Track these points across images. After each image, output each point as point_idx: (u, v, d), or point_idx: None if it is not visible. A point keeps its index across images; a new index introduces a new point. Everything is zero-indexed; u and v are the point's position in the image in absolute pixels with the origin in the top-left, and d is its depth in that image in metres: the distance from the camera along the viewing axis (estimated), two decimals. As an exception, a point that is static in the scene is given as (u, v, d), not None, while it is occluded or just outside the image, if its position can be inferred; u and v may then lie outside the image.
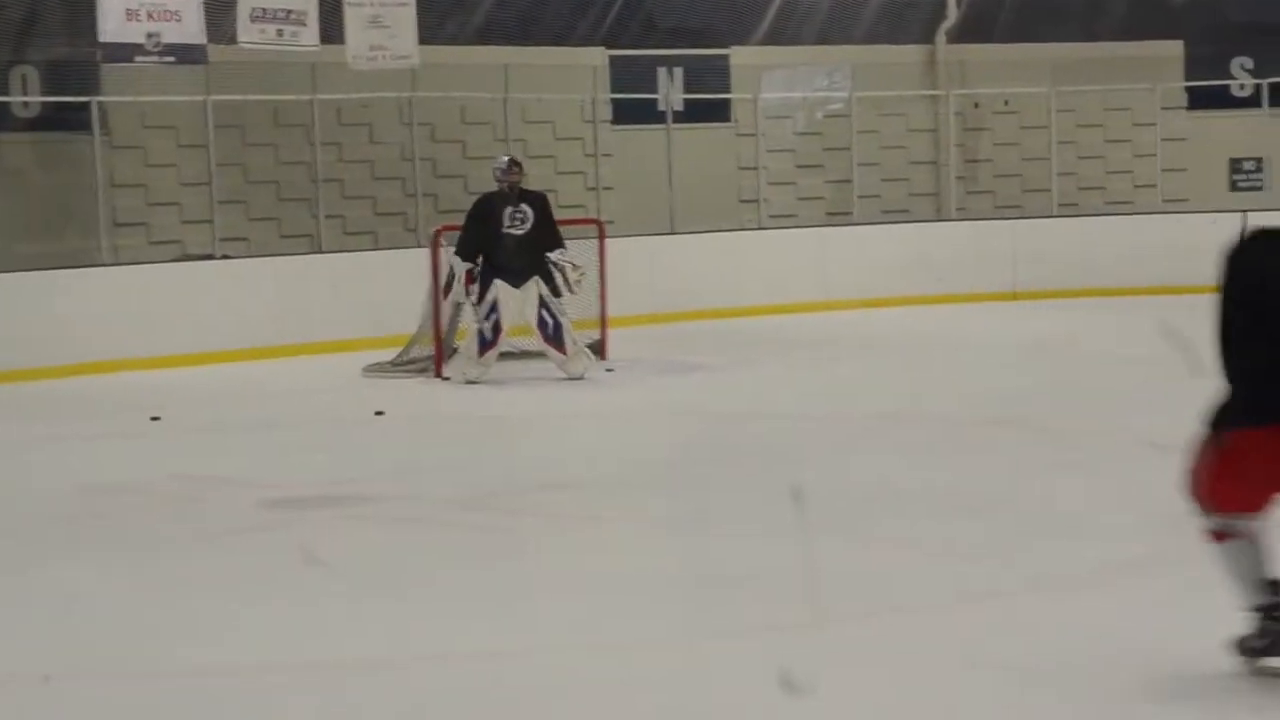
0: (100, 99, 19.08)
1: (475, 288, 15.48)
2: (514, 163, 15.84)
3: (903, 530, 9.00)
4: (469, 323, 15.70)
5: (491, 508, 10.03)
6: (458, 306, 16.30)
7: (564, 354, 15.48)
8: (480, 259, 15.53)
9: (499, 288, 15.37)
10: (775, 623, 7.26)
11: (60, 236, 19.03)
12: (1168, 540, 8.57)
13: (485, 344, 15.46)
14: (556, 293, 15.50)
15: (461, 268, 15.48)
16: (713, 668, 6.67)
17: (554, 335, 15.45)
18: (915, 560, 8.29)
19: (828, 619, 7.22)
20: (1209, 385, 6.43)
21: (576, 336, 15.79)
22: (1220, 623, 6.97)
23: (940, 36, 24.67)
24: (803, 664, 6.40)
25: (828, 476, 10.55)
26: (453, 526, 9.54)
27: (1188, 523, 8.92)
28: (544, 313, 15.42)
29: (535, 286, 15.41)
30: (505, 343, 15.72)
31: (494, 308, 15.40)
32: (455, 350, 16.29)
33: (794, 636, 7.03)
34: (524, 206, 15.53)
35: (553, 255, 15.52)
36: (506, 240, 15.43)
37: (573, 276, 15.53)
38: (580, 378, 15.44)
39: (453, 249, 16.11)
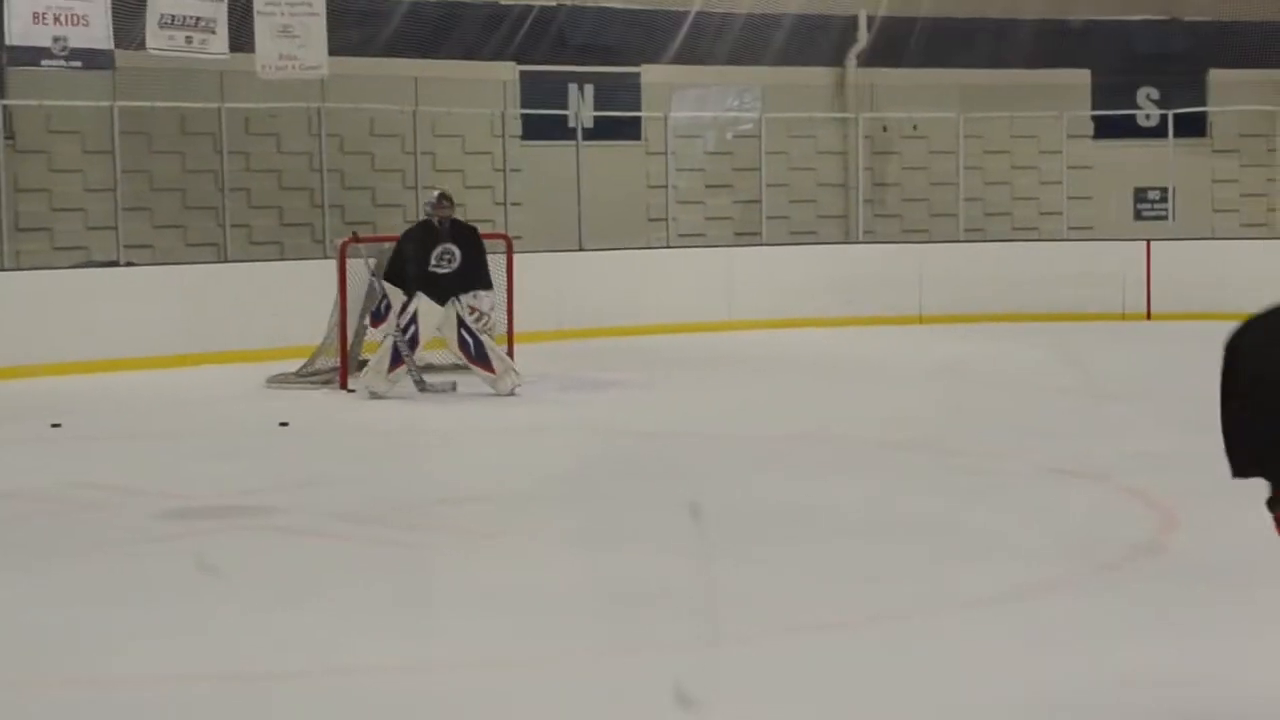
0: (5, 102, 18.93)
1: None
2: (444, 197, 15.69)
3: (806, 551, 8.99)
4: (383, 335, 15.55)
5: (393, 522, 9.96)
6: (364, 319, 16.20)
7: (492, 373, 15.38)
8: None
9: (420, 299, 15.26)
10: (676, 640, 7.23)
11: (-38, 240, 18.84)
12: (1072, 563, 8.63)
13: (398, 359, 15.35)
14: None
15: (399, 299, 15.30)
16: (615, 684, 6.63)
17: (477, 354, 15.35)
18: (818, 581, 8.28)
19: (726, 638, 7.20)
20: (1110, 411, 6.44)
21: (501, 351, 15.72)
22: (1125, 647, 7.01)
23: (851, 60, 24.79)
24: (701, 682, 6.38)
25: (733, 496, 10.54)
26: (353, 540, 9.47)
27: (1091, 547, 9.00)
28: (463, 332, 15.33)
29: (453, 307, 15.31)
30: (420, 357, 15.62)
31: (413, 319, 15.29)
32: (362, 362, 16.19)
33: (694, 654, 7.00)
34: (452, 247, 15.38)
35: (466, 297, 15.34)
36: (432, 278, 15.31)
37: (474, 326, 15.35)
38: (511, 394, 15.36)
39: (372, 260, 16.02)
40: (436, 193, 15.90)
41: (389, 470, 12.06)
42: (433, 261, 15.33)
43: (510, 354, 16.32)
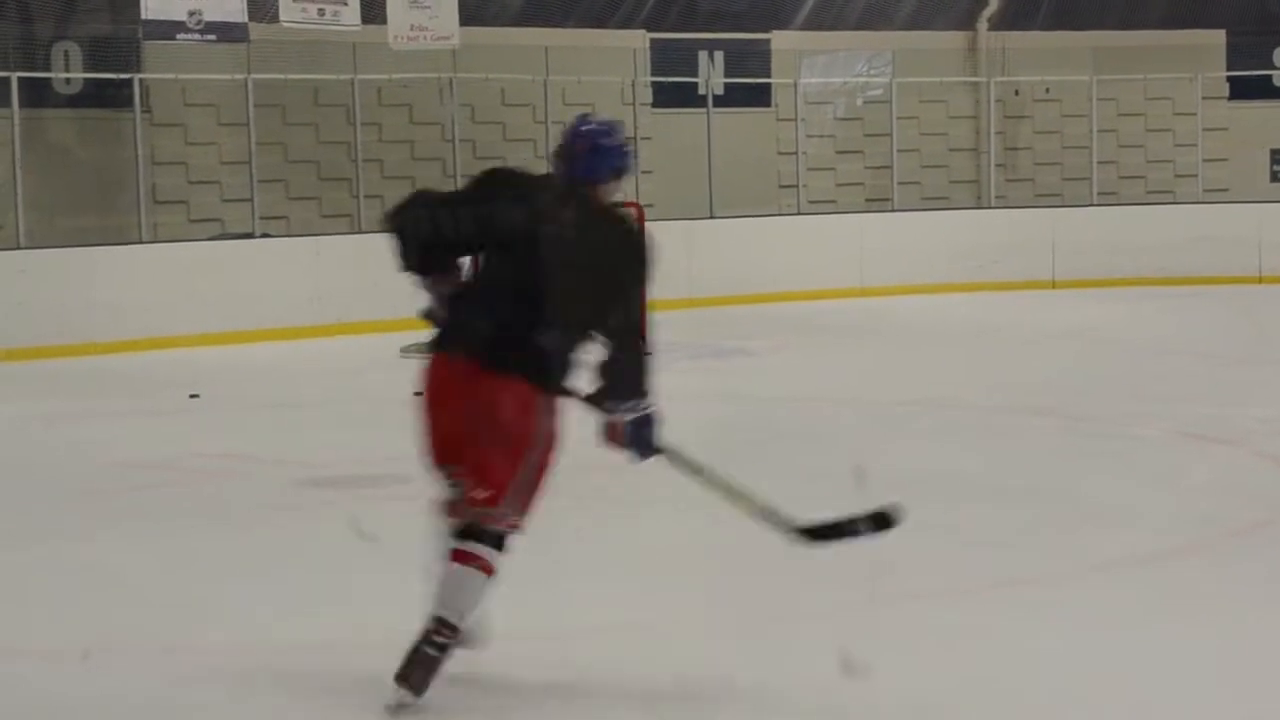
0: (142, 76, 19.16)
1: None
2: None
3: (938, 517, 8.97)
4: None
5: (527, 489, 10.01)
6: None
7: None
8: None
9: None
10: (812, 608, 7.25)
11: (101, 213, 19.12)
12: (1204, 530, 8.57)
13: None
14: None
15: None
16: (759, 650, 6.66)
17: None
18: (949, 547, 8.26)
19: (860, 605, 7.21)
20: (1244, 375, 6.39)
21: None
22: (1253, 614, 6.96)
23: (981, 23, 24.64)
24: (849, 646, 6.40)
25: (865, 462, 10.52)
26: (489, 507, 9.53)
27: (1224, 513, 8.93)
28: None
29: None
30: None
31: None
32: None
33: (830, 621, 7.01)
34: None
35: None
36: None
37: None
38: None
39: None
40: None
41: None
42: None
43: (642, 322, 16.32)
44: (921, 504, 9.25)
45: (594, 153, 6.27)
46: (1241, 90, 24.77)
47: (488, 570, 6.17)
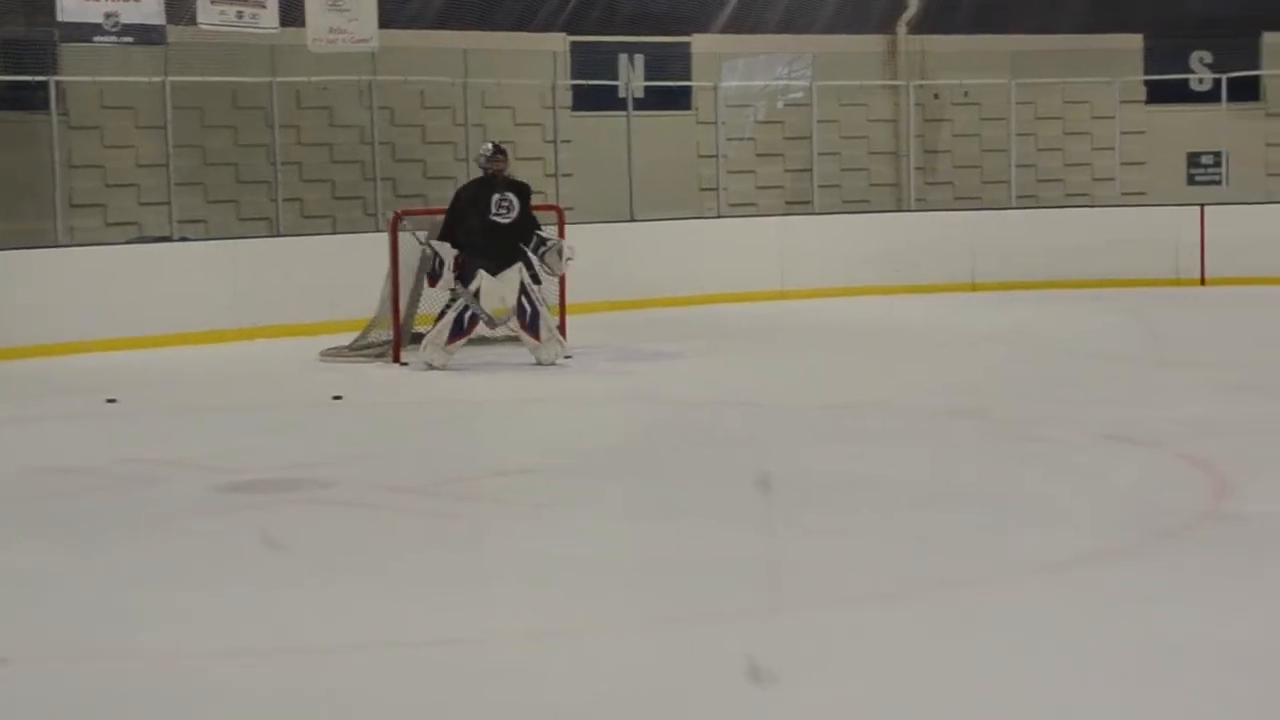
0: (58, 78, 18.98)
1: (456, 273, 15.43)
2: (499, 150, 15.78)
3: (862, 521, 8.97)
4: (444, 309, 15.62)
5: (447, 494, 9.98)
6: (416, 291, 16.28)
7: (537, 340, 15.47)
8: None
9: (483, 278, 15.34)
10: (734, 612, 7.22)
11: (16, 216, 18.92)
12: (1129, 531, 8.59)
13: (458, 333, 15.42)
14: (537, 279, 15.49)
15: (449, 253, 15.39)
16: (672, 656, 6.62)
17: (530, 323, 15.44)
18: (874, 551, 8.25)
19: (784, 609, 7.19)
20: (1164, 377, 6.39)
21: (552, 323, 15.76)
22: (1181, 614, 6.97)
23: (901, 27, 24.71)
24: (761, 654, 6.36)
25: (786, 466, 10.52)
26: (408, 512, 9.49)
27: (1148, 514, 8.96)
28: (524, 299, 15.40)
29: (518, 274, 15.39)
30: (478, 332, 15.71)
31: (476, 296, 15.36)
32: (415, 335, 16.25)
33: (752, 625, 6.98)
34: (509, 195, 15.50)
35: (545, 233, 15.57)
36: (492, 227, 15.38)
37: (568, 254, 15.58)
38: (552, 364, 15.43)
39: (423, 233, 16.05)
40: (490, 145, 15.93)
41: (442, 443, 12.10)
42: (493, 209, 15.40)
43: (562, 325, 16.31)
44: (846, 508, 9.29)
45: None
46: (1159, 94, 24.91)
47: None
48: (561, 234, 16.73)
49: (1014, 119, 24.05)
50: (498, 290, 15.41)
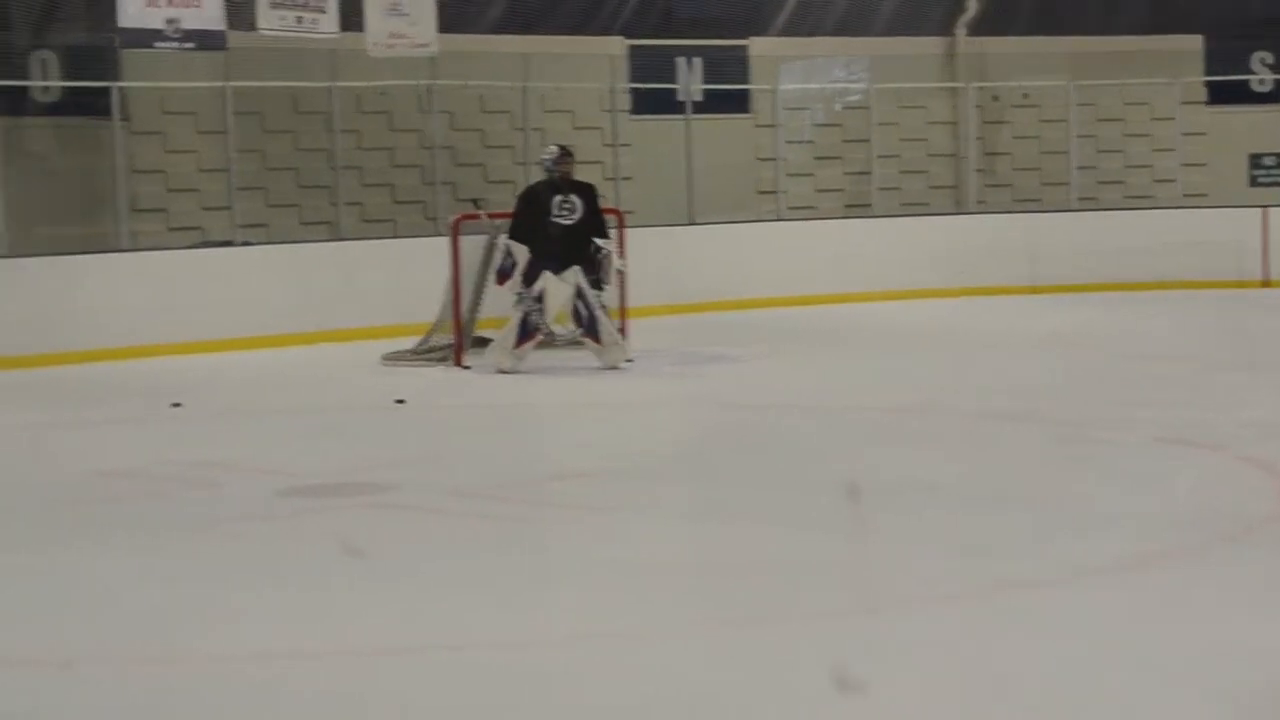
0: (120, 84, 19.09)
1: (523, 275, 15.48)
2: (565, 152, 15.83)
3: (921, 523, 8.97)
4: (511, 312, 15.67)
5: (508, 497, 10.01)
6: (478, 295, 16.34)
7: (600, 344, 15.48)
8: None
9: (547, 279, 15.36)
10: (794, 614, 7.23)
11: (80, 221, 19.04)
12: (1187, 535, 8.56)
13: (525, 335, 15.44)
14: (596, 285, 15.50)
15: (522, 252, 15.43)
16: (727, 659, 6.64)
17: (589, 327, 15.45)
18: (934, 554, 8.25)
19: (845, 611, 7.20)
20: (1225, 380, 6.38)
21: (613, 326, 15.76)
22: (1239, 619, 6.95)
23: (960, 28, 24.65)
24: (833, 656, 6.38)
25: (845, 469, 10.52)
26: (468, 516, 9.52)
27: (1207, 518, 8.93)
28: (579, 304, 15.41)
29: (574, 276, 15.40)
30: (543, 333, 15.77)
31: (540, 299, 15.39)
32: (477, 339, 16.30)
33: (813, 627, 6.99)
34: (573, 197, 15.54)
35: (601, 242, 15.55)
36: (553, 229, 15.42)
37: (617, 264, 15.58)
38: (615, 368, 15.44)
39: (486, 236, 16.11)
40: (556, 148, 15.98)
41: (503, 446, 12.14)
42: (554, 211, 15.45)
43: (623, 329, 16.34)
44: (905, 511, 9.28)
45: None
46: (1220, 95, 24.79)
47: None
48: (621, 238, 16.75)
49: (1074, 121, 23.99)
50: (560, 297, 15.44)
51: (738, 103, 23.71)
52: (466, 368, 15.89)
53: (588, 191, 15.76)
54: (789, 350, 17.11)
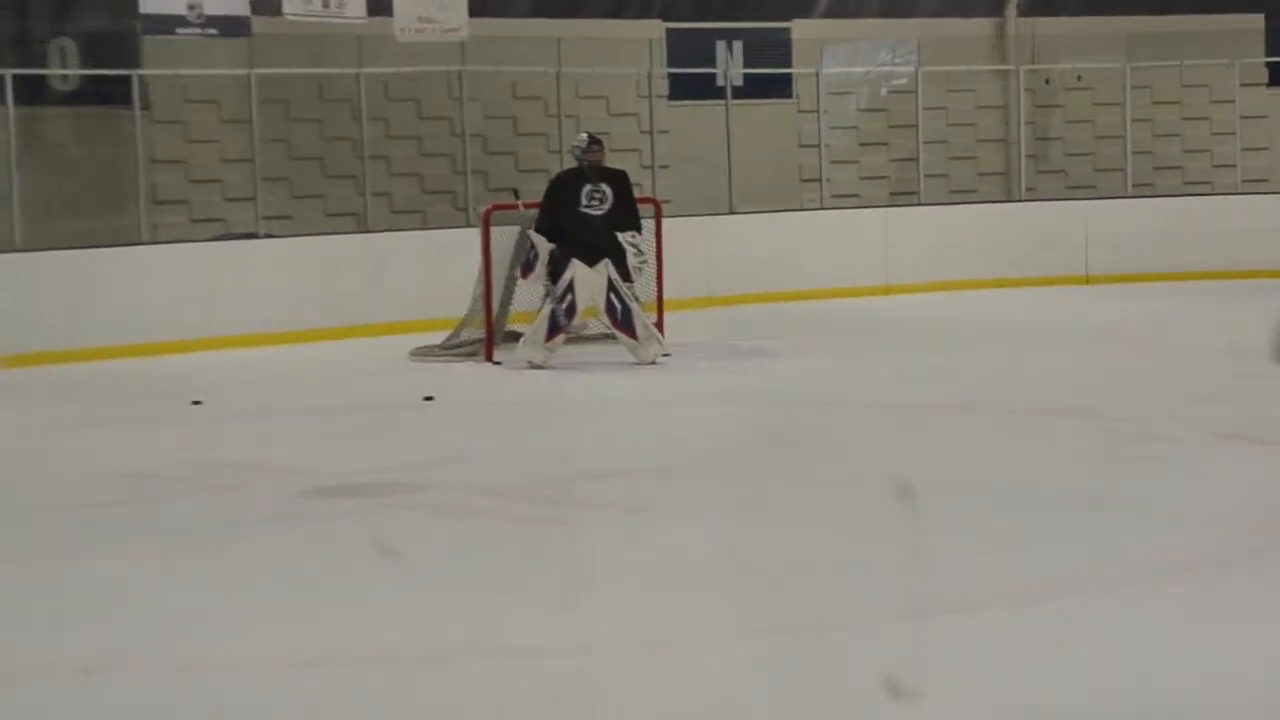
0: (141, 72, 19.14)
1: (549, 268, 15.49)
2: (594, 140, 15.81)
3: (970, 524, 8.96)
4: (542, 305, 15.69)
5: (543, 497, 10.03)
6: (509, 288, 16.36)
7: (635, 339, 15.47)
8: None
9: (576, 268, 15.35)
10: (841, 618, 7.23)
11: (99, 214, 19.10)
12: (1250, 538, 8.53)
13: (556, 328, 15.43)
14: (627, 276, 15.50)
15: (545, 247, 15.45)
16: (769, 664, 6.65)
17: (623, 320, 15.43)
18: (985, 555, 8.24)
19: (894, 615, 7.20)
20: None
21: (648, 320, 15.74)
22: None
23: (1010, 9, 24.59)
24: (877, 662, 6.38)
25: (890, 467, 10.51)
26: (501, 517, 9.54)
27: (1271, 518, 8.90)
28: (613, 296, 15.40)
29: (605, 269, 15.40)
30: (575, 326, 15.80)
31: (570, 288, 15.37)
32: (508, 333, 16.33)
33: (862, 632, 7.00)
34: (603, 186, 15.53)
35: (624, 235, 15.50)
36: (583, 219, 15.42)
37: (633, 262, 15.51)
38: (653, 363, 15.43)
39: (518, 228, 16.13)
40: (585, 135, 15.97)
41: (537, 444, 12.15)
42: (583, 201, 15.44)
43: (660, 322, 16.34)
44: (953, 512, 9.27)
45: None
46: (1282, 76, 24.73)
47: None
48: (659, 228, 16.75)
49: (1129, 104, 23.90)
50: (591, 284, 15.43)
51: (780, 87, 23.69)
52: (498, 363, 15.91)
53: (619, 179, 15.75)
54: (831, 344, 17.10)
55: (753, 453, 11.48)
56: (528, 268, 15.70)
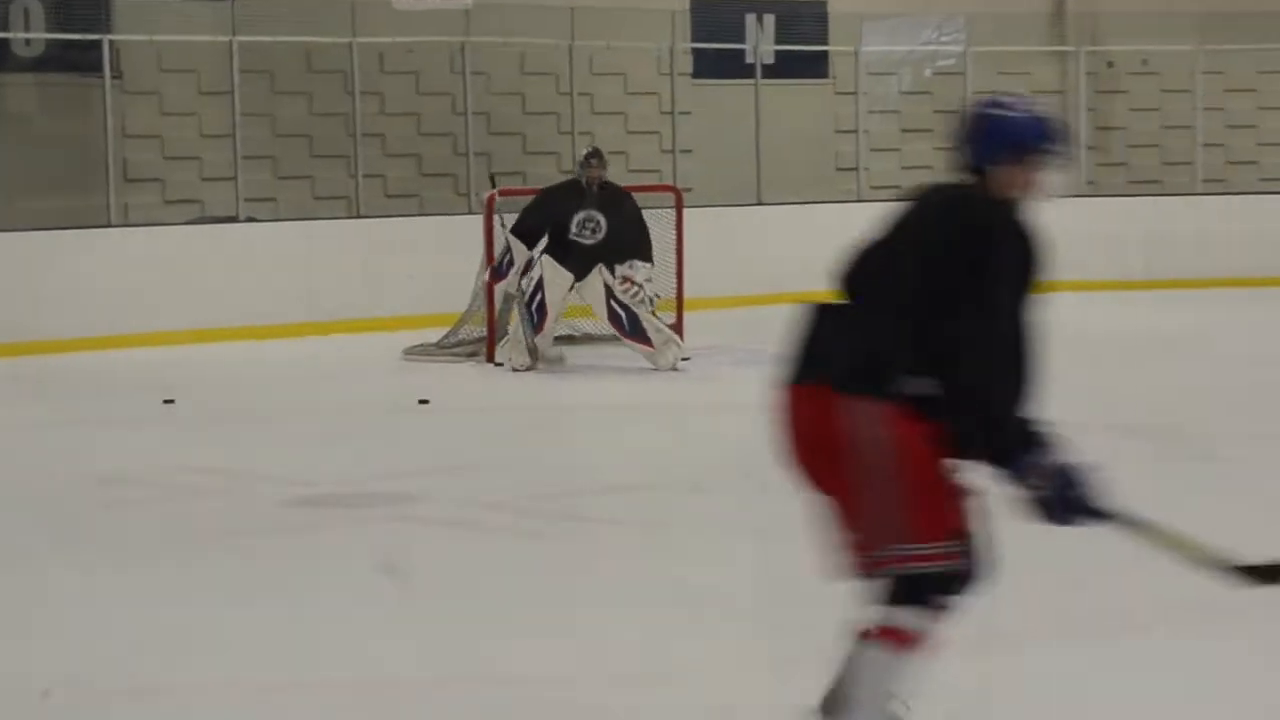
0: (112, 37, 19.18)
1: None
2: (592, 155, 15.81)
3: (1027, 552, 8.96)
4: (501, 293, 15.78)
5: (549, 512, 10.06)
6: (514, 282, 16.39)
7: (650, 346, 15.44)
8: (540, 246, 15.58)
9: (545, 265, 15.37)
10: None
11: (64, 192, 19.14)
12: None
13: (533, 327, 15.46)
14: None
15: (522, 255, 15.49)
16: (794, 698, 6.67)
17: (631, 329, 15.43)
18: (1044, 586, 8.23)
19: (950, 646, 7.21)
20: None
21: (660, 323, 15.71)
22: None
23: (1070, -17, 24.65)
24: (912, 698, 6.40)
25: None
26: (503, 532, 9.58)
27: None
28: (613, 304, 15.42)
29: (599, 276, 15.40)
30: (564, 326, 15.81)
31: (539, 287, 15.41)
32: (508, 333, 16.36)
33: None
34: (597, 216, 15.50)
35: (621, 268, 15.46)
36: (572, 247, 15.44)
37: (622, 297, 15.42)
38: (674, 369, 15.43)
39: (501, 216, 16.15)
40: (586, 150, 16.03)
41: (543, 454, 12.18)
42: (573, 229, 15.46)
43: (679, 323, 16.37)
44: (1003, 536, 9.27)
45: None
46: (1369, 63, 24.75)
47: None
48: (679, 219, 16.78)
49: (1200, 91, 23.93)
50: (560, 288, 15.37)
51: (814, 66, 23.73)
52: (499, 364, 15.94)
53: (618, 205, 15.68)
54: (869, 350, 17.08)
55: (778, 467, 11.48)
56: (498, 274, 15.74)
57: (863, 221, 20.48)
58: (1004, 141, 5.86)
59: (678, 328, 16.29)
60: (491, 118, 21.82)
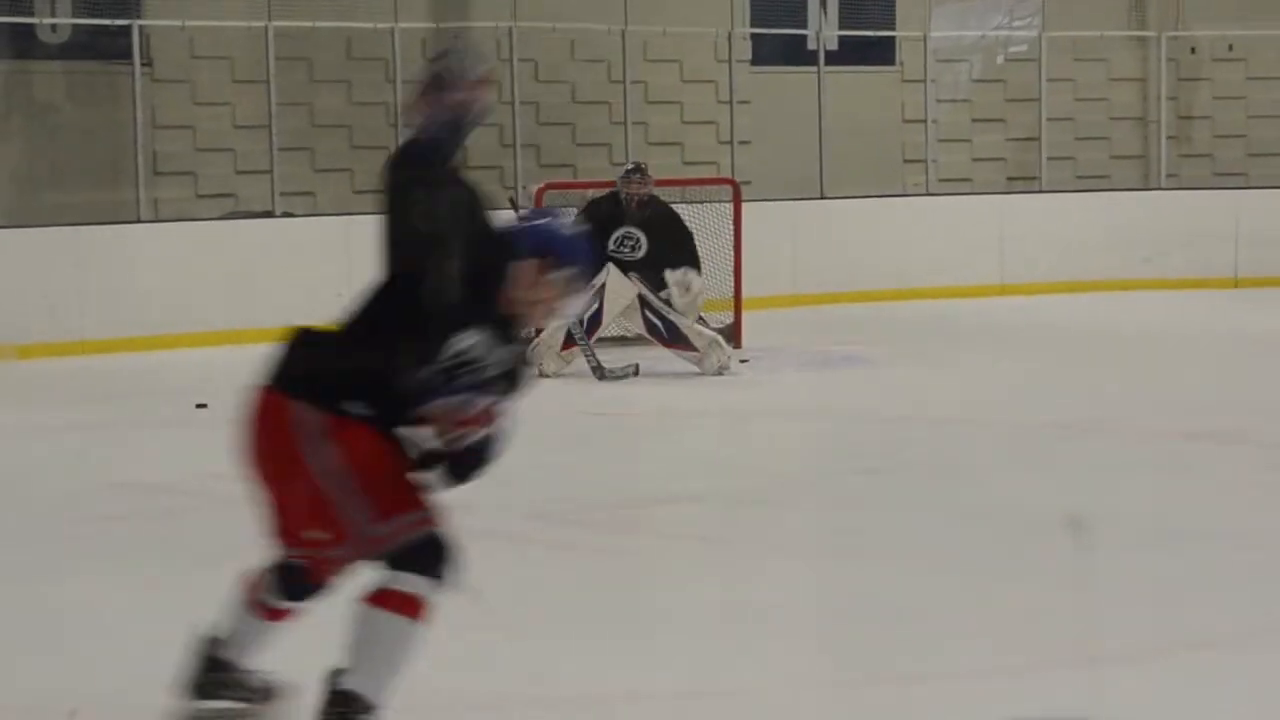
0: (142, 23, 19.24)
1: None
2: (635, 170, 15.89)
3: (1101, 565, 8.95)
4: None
5: (599, 523, 10.07)
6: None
7: (694, 350, 15.36)
8: None
9: (610, 273, 15.33)
10: (942, 670, 7.25)
11: (92, 186, 19.21)
12: None
13: (572, 338, 15.28)
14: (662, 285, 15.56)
15: None
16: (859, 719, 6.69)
17: (671, 336, 15.36)
18: (1108, 601, 8.24)
19: (999, 670, 7.21)
20: None
21: (703, 327, 15.66)
22: None
23: (1151, -35, 24.59)
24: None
25: (999, 497, 10.52)
26: (553, 546, 9.59)
27: None
28: (648, 314, 15.36)
29: (632, 290, 15.34)
30: (615, 326, 15.81)
31: (599, 294, 15.34)
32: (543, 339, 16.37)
33: (966, 687, 7.02)
34: (636, 233, 15.57)
35: (673, 275, 15.51)
36: (611, 263, 15.46)
37: (678, 302, 15.43)
38: (720, 373, 15.39)
39: (575, 210, 16.15)
40: (630, 165, 16.08)
41: (592, 463, 12.18)
42: (611, 245, 15.52)
43: (737, 323, 16.39)
44: (1076, 550, 9.25)
45: None
46: None
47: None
48: (737, 213, 16.79)
49: (1288, 79, 23.89)
50: (623, 299, 15.34)
51: (880, 52, 23.72)
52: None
53: (664, 227, 15.72)
54: (937, 352, 17.09)
55: (845, 477, 11.50)
56: None
57: (932, 216, 20.45)
58: None
59: (736, 328, 16.30)
60: (540, 107, 21.84)
